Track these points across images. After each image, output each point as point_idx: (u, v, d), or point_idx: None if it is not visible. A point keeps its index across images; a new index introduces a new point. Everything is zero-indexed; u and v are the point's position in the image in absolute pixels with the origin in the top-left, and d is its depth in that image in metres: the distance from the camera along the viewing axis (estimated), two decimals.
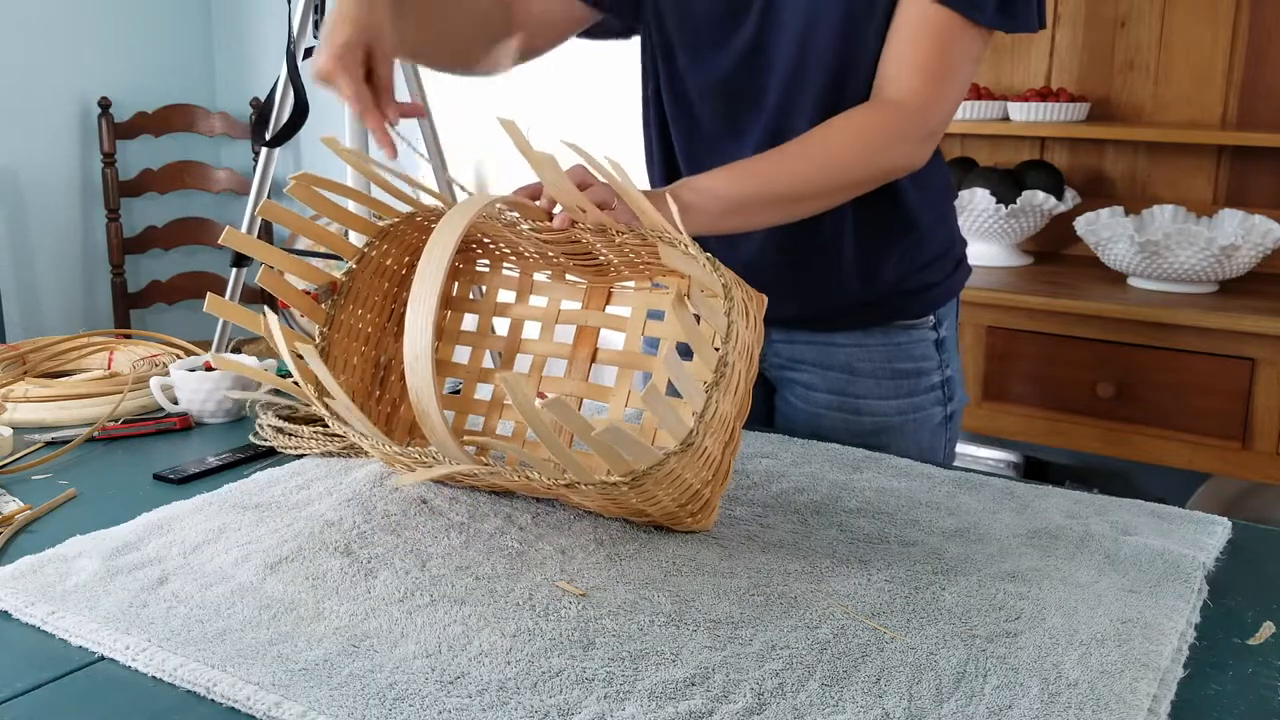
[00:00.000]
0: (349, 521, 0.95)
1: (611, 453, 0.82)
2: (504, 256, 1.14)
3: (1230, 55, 2.25)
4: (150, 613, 0.79)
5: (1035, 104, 2.27)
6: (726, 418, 0.88)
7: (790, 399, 1.34)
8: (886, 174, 1.14)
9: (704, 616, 0.80)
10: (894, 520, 0.97)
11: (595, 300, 1.12)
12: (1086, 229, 2.19)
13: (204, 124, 3.42)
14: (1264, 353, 1.93)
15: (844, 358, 1.29)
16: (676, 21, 1.22)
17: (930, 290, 1.29)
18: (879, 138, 1.11)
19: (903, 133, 1.11)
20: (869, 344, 1.28)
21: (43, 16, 3.14)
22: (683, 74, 1.23)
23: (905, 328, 1.29)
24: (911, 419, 1.29)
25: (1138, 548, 0.92)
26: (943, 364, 1.31)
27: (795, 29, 1.15)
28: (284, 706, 0.68)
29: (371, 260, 1.09)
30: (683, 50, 1.23)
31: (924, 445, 1.30)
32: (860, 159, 1.10)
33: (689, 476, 0.87)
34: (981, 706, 0.69)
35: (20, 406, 1.24)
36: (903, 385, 1.29)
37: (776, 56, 1.17)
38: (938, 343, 1.30)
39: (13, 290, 3.17)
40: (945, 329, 1.31)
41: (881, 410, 1.29)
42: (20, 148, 3.14)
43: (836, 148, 1.09)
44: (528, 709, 0.68)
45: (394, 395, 1.13)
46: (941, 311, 1.31)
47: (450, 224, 0.89)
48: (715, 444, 0.88)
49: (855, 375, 1.29)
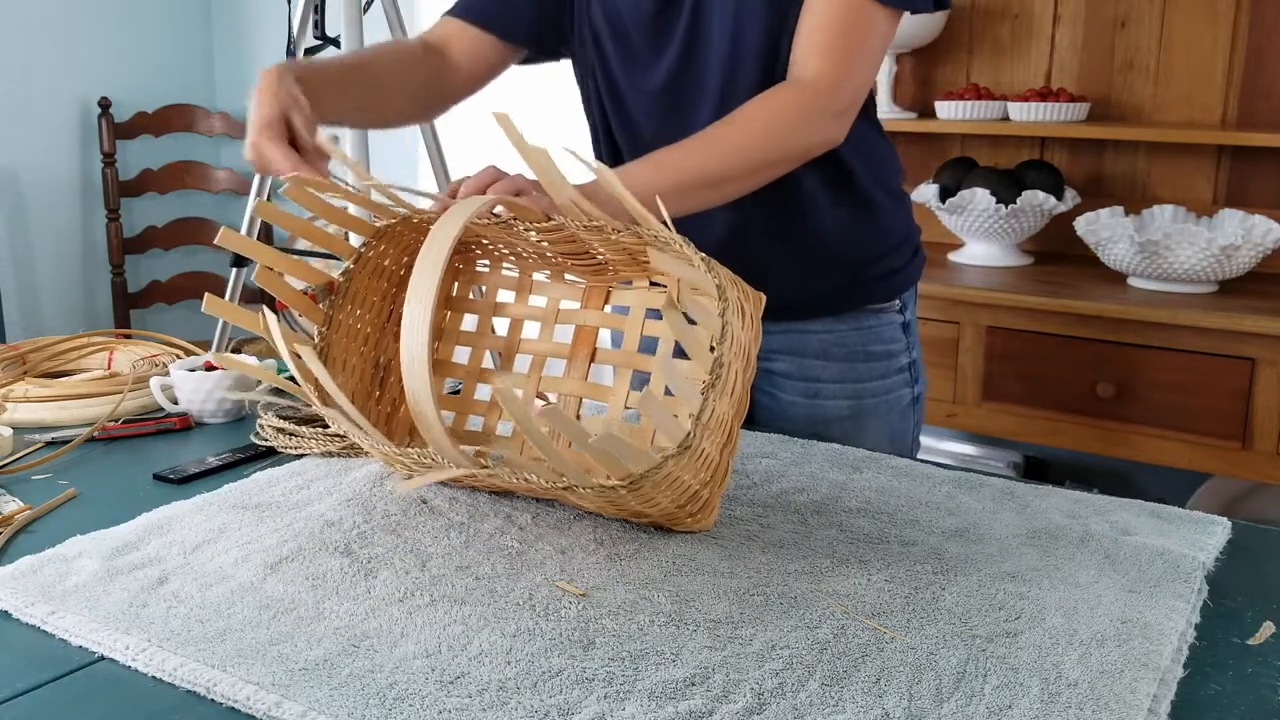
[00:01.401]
0: (349, 521, 0.95)
1: (609, 458, 0.82)
2: (503, 257, 1.14)
3: (1230, 55, 2.25)
4: (150, 613, 0.79)
5: (1035, 104, 2.27)
6: (724, 419, 0.88)
7: (766, 389, 1.37)
8: (803, 151, 1.17)
9: (704, 616, 0.80)
10: (894, 520, 0.98)
11: (594, 300, 1.12)
12: (1086, 229, 2.19)
13: (204, 124, 3.42)
14: (1264, 353, 1.93)
15: (817, 344, 1.33)
16: (610, 37, 1.27)
17: (895, 275, 1.35)
18: (790, 118, 1.14)
19: (813, 112, 1.15)
20: (840, 329, 1.33)
21: (43, 16, 3.14)
22: (620, 85, 1.28)
23: (874, 311, 1.34)
24: (884, 400, 1.35)
25: (1138, 548, 0.92)
26: (909, 346, 1.38)
27: (724, 32, 1.20)
28: (284, 706, 0.68)
29: (369, 261, 1.09)
30: (619, 64, 1.27)
31: (895, 427, 1.36)
32: (773, 140, 1.14)
33: (687, 478, 0.87)
34: (981, 706, 0.69)
35: (20, 406, 1.24)
36: (875, 368, 1.34)
37: (710, 60, 1.22)
38: (904, 325, 1.37)
39: (13, 290, 3.17)
40: (909, 313, 1.38)
41: (856, 393, 1.34)
42: (20, 148, 3.14)
43: (749, 131, 1.13)
44: (528, 709, 0.68)
45: (393, 396, 1.13)
46: (905, 296, 1.37)
47: (445, 226, 0.89)
48: (713, 445, 0.88)
49: (829, 360, 1.34)
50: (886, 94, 2.47)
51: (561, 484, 0.86)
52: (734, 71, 1.21)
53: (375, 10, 2.23)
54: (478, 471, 0.89)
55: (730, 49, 1.20)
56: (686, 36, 1.22)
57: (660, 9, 1.22)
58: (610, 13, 1.26)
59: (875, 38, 1.16)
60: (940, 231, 2.44)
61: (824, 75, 1.14)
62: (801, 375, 1.34)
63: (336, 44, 2.15)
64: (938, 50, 2.52)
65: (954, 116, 2.36)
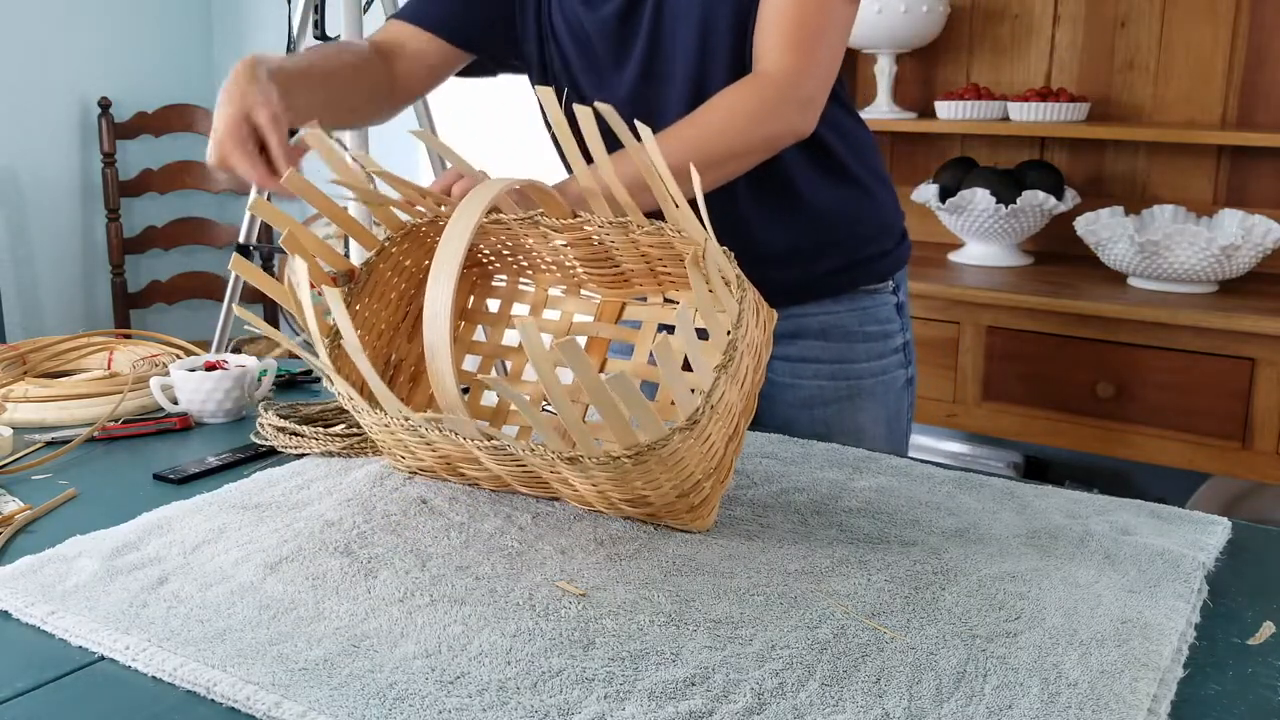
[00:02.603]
0: (349, 521, 0.95)
1: (617, 416, 0.82)
2: (521, 270, 1.14)
3: (1230, 55, 2.25)
4: (150, 613, 0.79)
5: (1035, 104, 2.27)
6: (732, 408, 0.89)
7: (769, 377, 1.38)
8: (768, 142, 1.17)
9: (704, 616, 0.80)
10: (894, 520, 0.98)
11: (608, 314, 1.13)
12: (1086, 229, 2.19)
13: (204, 124, 3.42)
14: (1264, 353, 1.93)
15: (817, 325, 1.35)
16: (572, 47, 1.27)
17: (887, 256, 1.37)
18: (753, 109, 1.14)
19: (775, 103, 1.15)
20: (837, 310, 1.35)
21: (42, 16, 3.14)
22: (587, 94, 1.28)
23: (870, 292, 1.36)
24: (880, 380, 1.37)
25: (1137, 548, 0.92)
26: (903, 327, 1.40)
27: (689, 39, 1.20)
28: (284, 706, 0.68)
29: (391, 256, 1.08)
30: (583, 74, 1.28)
31: (891, 407, 1.38)
32: (737, 132, 1.14)
33: (691, 463, 0.87)
34: (981, 706, 0.69)
35: (20, 406, 1.24)
36: (872, 348, 1.36)
37: (675, 67, 1.22)
38: (898, 306, 1.39)
39: (13, 290, 3.17)
40: (902, 294, 1.40)
41: (856, 373, 1.35)
42: (20, 148, 3.14)
43: (713, 125, 1.13)
44: (528, 709, 0.68)
45: (401, 395, 1.13)
46: (898, 276, 1.39)
47: (476, 200, 0.89)
48: (719, 433, 0.88)
49: (828, 340, 1.35)
50: (887, 94, 2.47)
51: (568, 454, 0.86)
52: (702, 77, 1.21)
53: (375, 10, 2.23)
54: (484, 443, 0.88)
55: (697, 56, 1.21)
56: (648, 45, 1.22)
57: (622, 18, 1.23)
58: (571, 20, 1.26)
59: (834, 26, 1.17)
60: (940, 231, 2.44)
61: (786, 65, 1.15)
62: (800, 357, 1.36)
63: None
64: (938, 50, 2.52)
65: (954, 116, 2.36)
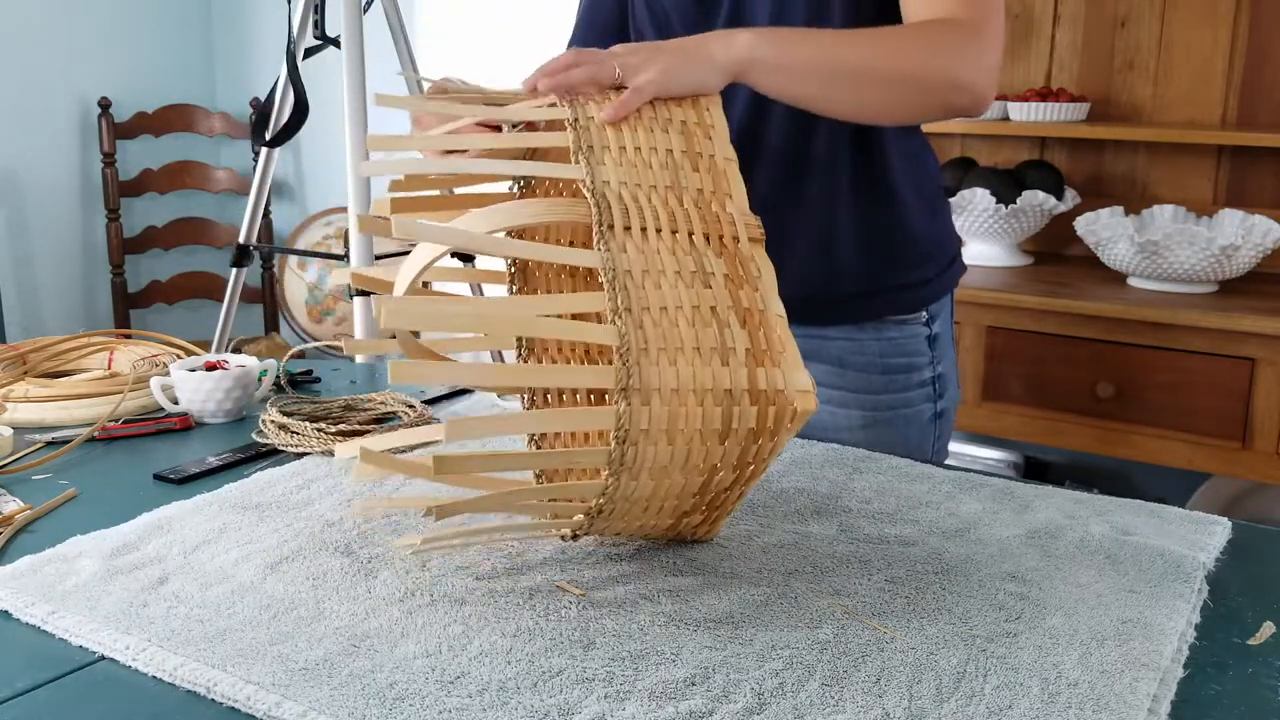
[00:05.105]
0: (349, 521, 0.95)
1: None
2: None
3: (1230, 55, 2.25)
4: (150, 613, 0.79)
5: (1035, 104, 2.27)
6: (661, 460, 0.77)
7: None
8: (949, 78, 1.05)
9: (704, 616, 0.80)
10: (894, 520, 0.98)
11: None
12: (1086, 229, 2.19)
13: (204, 124, 3.42)
14: (1264, 353, 1.93)
15: (836, 351, 1.29)
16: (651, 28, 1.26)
17: (925, 285, 1.29)
18: (943, 40, 1.05)
19: (964, 43, 1.06)
20: (861, 338, 1.29)
21: (42, 17, 3.14)
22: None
23: (898, 323, 1.29)
24: (901, 414, 1.29)
25: (1138, 548, 0.92)
26: (934, 360, 1.31)
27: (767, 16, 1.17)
28: (284, 706, 0.68)
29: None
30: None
31: (911, 441, 1.30)
32: (925, 53, 1.04)
33: (659, 500, 0.81)
34: (981, 706, 0.69)
35: (20, 406, 1.24)
36: (894, 380, 1.29)
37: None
38: (930, 339, 1.30)
39: (13, 290, 3.17)
40: (939, 325, 1.31)
41: (871, 405, 1.29)
42: (20, 148, 3.14)
43: (902, 39, 1.06)
44: (528, 709, 0.68)
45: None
46: (935, 308, 1.31)
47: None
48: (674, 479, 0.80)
49: (845, 369, 1.29)
50: None
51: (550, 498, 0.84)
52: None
53: (375, 10, 2.23)
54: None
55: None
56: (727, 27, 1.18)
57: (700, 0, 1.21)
58: (654, 4, 1.25)
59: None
60: None
61: (966, 16, 1.06)
62: (816, 380, 1.30)
63: (336, 44, 2.14)
64: None
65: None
